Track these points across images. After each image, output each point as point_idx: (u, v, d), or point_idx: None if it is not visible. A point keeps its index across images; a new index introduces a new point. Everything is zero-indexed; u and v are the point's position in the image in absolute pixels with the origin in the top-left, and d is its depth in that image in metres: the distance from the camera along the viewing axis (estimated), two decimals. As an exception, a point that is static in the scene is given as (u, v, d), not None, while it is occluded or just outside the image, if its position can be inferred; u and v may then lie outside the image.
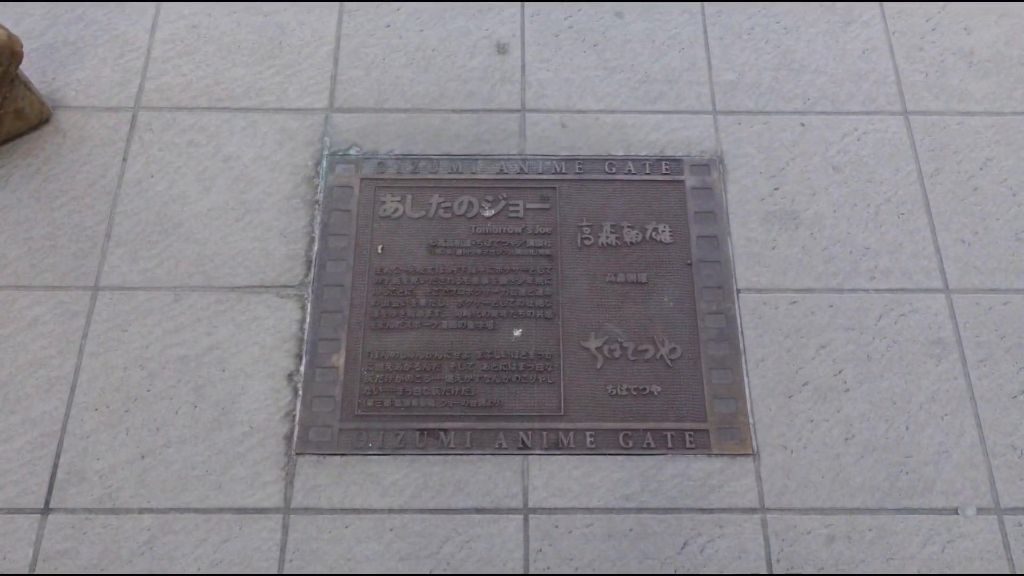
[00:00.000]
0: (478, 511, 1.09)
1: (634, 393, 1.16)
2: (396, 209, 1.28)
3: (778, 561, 1.06)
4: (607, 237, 1.27)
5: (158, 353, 1.18)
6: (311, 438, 1.13)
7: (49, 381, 1.15)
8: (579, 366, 1.18)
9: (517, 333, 1.19)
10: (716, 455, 1.13)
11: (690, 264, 1.25)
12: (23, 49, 1.27)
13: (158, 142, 1.35)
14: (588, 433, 1.14)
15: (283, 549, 1.05)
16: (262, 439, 1.13)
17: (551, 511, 1.09)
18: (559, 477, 1.12)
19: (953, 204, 1.31)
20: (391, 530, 1.08)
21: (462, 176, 1.31)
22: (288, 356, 1.18)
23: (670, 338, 1.20)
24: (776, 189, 1.32)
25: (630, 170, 1.32)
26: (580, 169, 1.32)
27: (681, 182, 1.31)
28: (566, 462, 1.13)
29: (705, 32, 1.44)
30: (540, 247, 1.26)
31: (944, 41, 1.44)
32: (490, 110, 1.38)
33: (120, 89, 1.39)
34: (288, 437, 1.13)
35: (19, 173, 1.29)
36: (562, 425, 1.14)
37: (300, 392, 1.16)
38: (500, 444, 1.13)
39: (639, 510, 1.09)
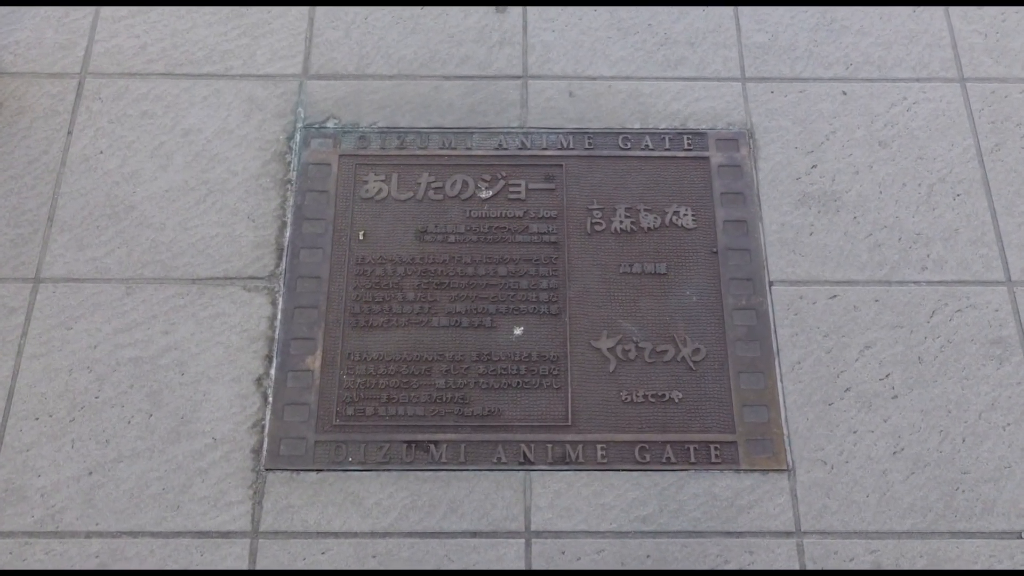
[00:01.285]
0: (474, 535, 1.06)
1: (652, 400, 1.13)
2: (380, 190, 1.25)
3: (816, 592, 1.04)
4: (621, 222, 1.24)
5: (108, 354, 1.15)
6: (283, 452, 1.10)
7: (-17, 386, 1.13)
8: (589, 369, 1.15)
9: (518, 332, 1.16)
10: (746, 471, 1.10)
11: (716, 252, 1.22)
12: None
13: (108, 113, 1.31)
14: (599, 446, 1.11)
15: (251, 578, 1.03)
16: (227, 453, 1.10)
17: (557, 535, 1.06)
18: (566, 496, 1.09)
19: (1017, 184, 1.27)
20: (374, 557, 1.04)
21: (455, 152, 1.28)
22: (257, 358, 1.15)
23: (693, 337, 1.17)
24: (814, 167, 1.28)
25: (647, 145, 1.29)
26: (590, 144, 1.29)
27: (706, 159, 1.28)
28: (574, 479, 1.09)
29: (733, -13, 1.40)
30: (544, 233, 1.23)
31: (1006, -2, 1.42)
32: (487, 76, 1.34)
33: (65, 52, 1.35)
34: (256, 450, 1.10)
35: (-52, 149, 1.27)
36: (569, 437, 1.11)
37: (270, 399, 1.13)
38: (499, 458, 1.10)
39: (657, 534, 1.06)
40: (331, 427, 1.11)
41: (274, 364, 1.14)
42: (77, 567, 1.03)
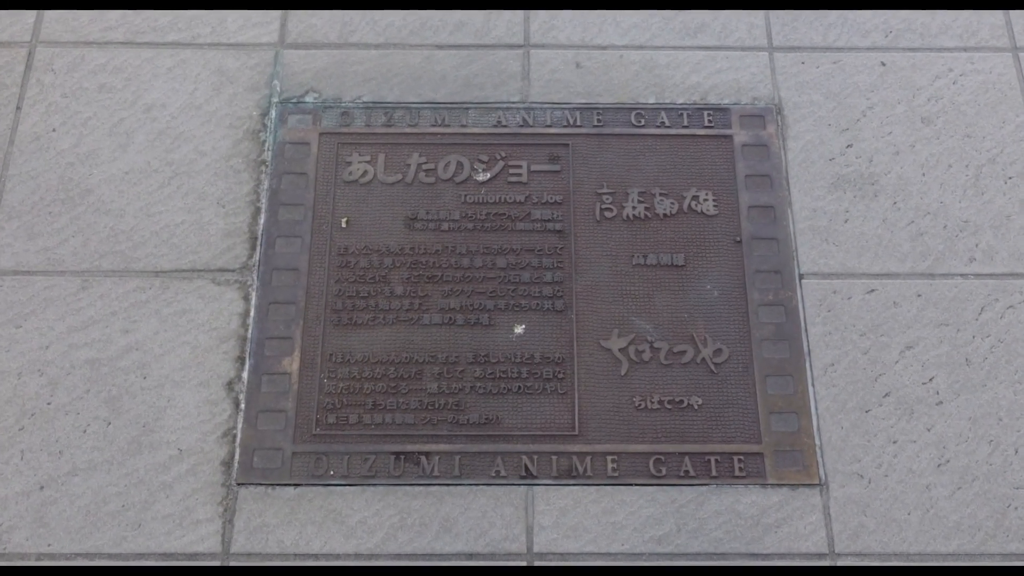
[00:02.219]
0: (470, 556, 1.03)
1: (668, 407, 1.10)
2: (365, 172, 1.21)
3: (852, 621, 1.02)
4: (634, 208, 1.20)
5: (61, 355, 1.11)
6: (256, 464, 1.07)
7: (-78, 391, 1.10)
8: (598, 372, 1.12)
9: (519, 330, 1.13)
10: (773, 486, 1.07)
11: (739, 242, 1.18)
12: None
13: (61, 86, 1.27)
14: (610, 458, 1.08)
15: (221, 606, 1.01)
16: (194, 465, 1.07)
17: (562, 556, 1.03)
18: (573, 514, 1.05)
19: (1075, 165, 1.25)
20: (358, 581, 1.02)
21: (449, 130, 1.25)
22: (227, 359, 1.11)
23: (714, 336, 1.13)
24: (849, 146, 1.24)
25: (663, 122, 1.26)
26: (599, 121, 1.26)
27: (728, 137, 1.25)
28: (581, 495, 1.06)
29: (758, -54, 1.38)
30: (548, 220, 1.19)
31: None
32: (485, 45, 1.30)
33: (13, 19, 1.32)
34: (227, 463, 1.07)
35: None
36: (576, 448, 1.08)
37: (242, 405, 1.10)
38: (497, 472, 1.07)
39: (674, 556, 1.03)
40: (310, 437, 1.08)
41: (247, 366, 1.11)
42: (27, 593, 1.00)
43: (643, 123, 1.24)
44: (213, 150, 1.22)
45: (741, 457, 1.07)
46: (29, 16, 1.30)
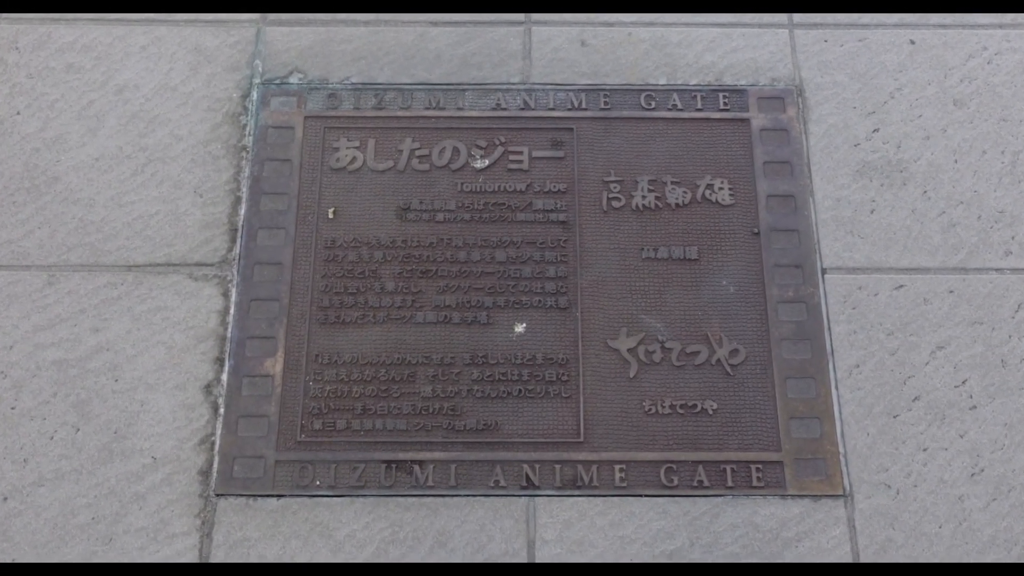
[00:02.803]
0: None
1: (681, 411, 1.08)
2: (353, 158, 1.20)
3: (878, 642, 1.00)
4: (643, 197, 1.18)
5: (26, 356, 1.09)
6: (237, 473, 1.05)
7: None
8: (605, 375, 1.10)
9: (519, 329, 1.11)
10: (793, 497, 1.05)
11: (757, 234, 1.17)
12: None
13: (27, 66, 1.24)
14: (618, 467, 1.06)
15: (198, 626, 0.99)
16: (169, 475, 1.05)
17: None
18: (578, 527, 1.03)
19: (1120, 151, 1.23)
20: (347, 600, 1.01)
21: (444, 113, 1.23)
22: (205, 361, 1.09)
23: (730, 336, 1.11)
24: (875, 131, 1.22)
25: (675, 104, 1.24)
26: (606, 103, 1.24)
27: (745, 121, 1.23)
28: (587, 506, 1.04)
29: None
30: (551, 211, 1.18)
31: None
32: (483, 22, 1.28)
33: None
34: (205, 472, 1.05)
35: None
36: (582, 456, 1.06)
37: (222, 410, 1.08)
38: (496, 481, 1.05)
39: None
40: (295, 444, 1.06)
41: (226, 368, 1.09)
42: (-10, 612, 0.99)
43: (653, 106, 1.22)
44: (190, 135, 1.20)
45: (759, 466, 1.05)
46: (-8, -10, 1.28)
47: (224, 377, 1.08)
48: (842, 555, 1.01)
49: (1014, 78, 1.24)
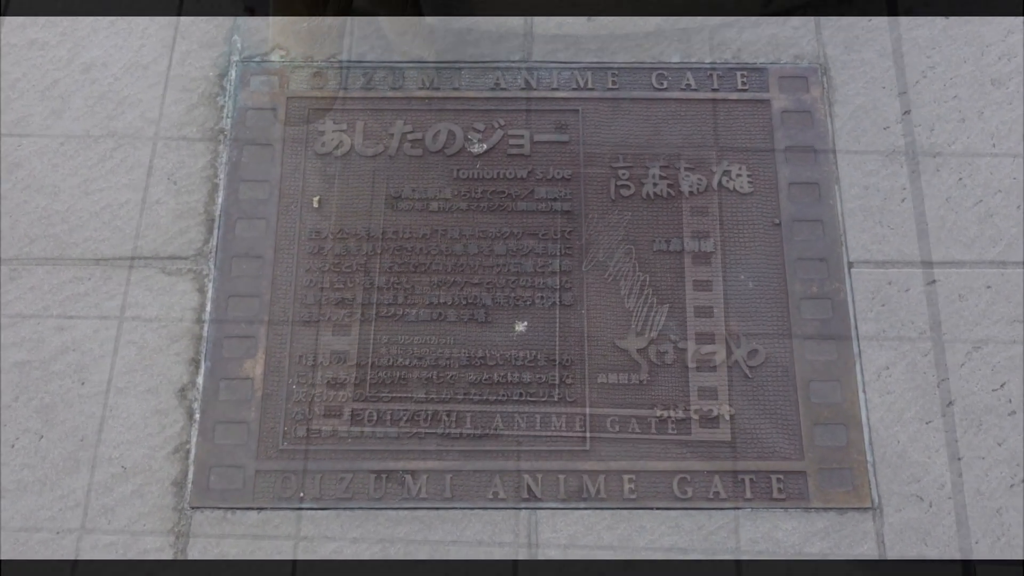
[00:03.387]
0: None
1: (695, 417, 1.05)
2: (340, 143, 1.17)
3: (910, 668, 0.98)
4: (655, 184, 1.15)
5: None
6: (213, 485, 1.02)
7: None
8: (613, 377, 1.08)
9: (520, 328, 1.09)
10: (818, 509, 1.02)
11: (778, 224, 1.14)
12: None
13: None
14: (626, 477, 1.03)
15: (171, 651, 0.95)
16: (140, 486, 1.02)
17: None
18: (584, 541, 1.00)
19: None
20: (332, 622, 0.98)
21: (438, 93, 1.21)
22: (179, 362, 1.07)
23: (749, 335, 1.09)
24: (906, 113, 1.19)
25: (689, 84, 1.22)
26: (614, 83, 1.22)
27: (765, 102, 1.21)
28: (594, 520, 1.01)
29: None
30: (555, 199, 1.15)
31: None
32: None
33: None
34: (179, 483, 1.03)
35: None
36: (588, 465, 1.04)
37: (197, 416, 1.06)
38: (495, 493, 1.03)
39: None
40: (277, 452, 1.03)
41: (202, 370, 1.06)
42: (-54, 635, 0.96)
43: (665, 85, 1.19)
44: (163, 117, 1.17)
45: (780, 476, 1.02)
46: (-52, -40, 1.23)
47: (200, 380, 1.05)
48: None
49: (1057, 55, 1.21)
